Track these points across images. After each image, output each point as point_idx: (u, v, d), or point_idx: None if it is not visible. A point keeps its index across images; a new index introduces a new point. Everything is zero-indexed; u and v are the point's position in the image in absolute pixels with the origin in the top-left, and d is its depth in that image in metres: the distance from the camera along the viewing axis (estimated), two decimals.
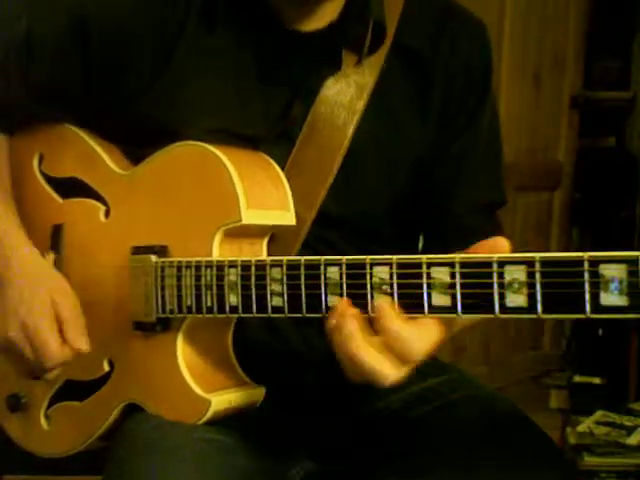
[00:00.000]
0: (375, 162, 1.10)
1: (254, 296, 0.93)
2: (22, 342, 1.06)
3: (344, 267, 0.87)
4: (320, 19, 1.07)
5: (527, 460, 0.97)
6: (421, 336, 0.84)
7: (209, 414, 1.00)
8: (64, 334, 1.06)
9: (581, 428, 2.71)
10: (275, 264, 0.92)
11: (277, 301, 0.91)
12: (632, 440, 2.60)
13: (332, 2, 1.05)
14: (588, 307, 0.74)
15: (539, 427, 1.04)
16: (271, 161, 1.05)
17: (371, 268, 0.85)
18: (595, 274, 0.73)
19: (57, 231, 1.15)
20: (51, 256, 1.14)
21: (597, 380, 3.11)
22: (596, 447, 2.54)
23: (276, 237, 1.05)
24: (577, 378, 3.18)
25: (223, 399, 1.02)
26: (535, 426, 1.04)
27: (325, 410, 1.12)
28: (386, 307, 0.83)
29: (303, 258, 0.90)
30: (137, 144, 1.10)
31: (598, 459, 2.49)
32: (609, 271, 0.72)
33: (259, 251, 1.03)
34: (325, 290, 0.88)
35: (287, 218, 1.03)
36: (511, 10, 3.11)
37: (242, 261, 0.94)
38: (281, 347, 1.10)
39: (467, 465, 0.96)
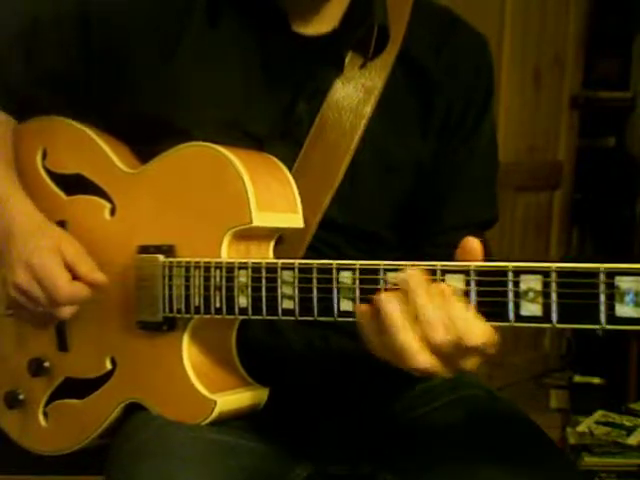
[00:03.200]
0: (378, 167, 1.10)
1: (264, 298, 0.93)
2: (29, 283, 1.05)
3: (357, 272, 0.87)
4: (323, 23, 1.07)
5: (527, 460, 0.98)
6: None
7: (214, 415, 1.01)
8: (76, 272, 1.05)
9: (581, 428, 2.71)
10: (287, 267, 0.92)
11: (288, 304, 0.91)
12: (632, 440, 2.60)
13: (333, 6, 1.06)
14: (603, 318, 0.74)
15: (539, 427, 1.04)
16: (279, 163, 1.05)
17: (384, 274, 0.85)
18: (611, 285, 0.73)
19: (61, 228, 1.15)
20: None
21: (597, 380, 3.12)
22: (596, 447, 2.54)
23: (282, 239, 1.05)
24: (577, 378, 3.18)
25: (228, 400, 1.02)
26: (535, 426, 1.04)
27: (327, 411, 1.12)
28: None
29: (315, 262, 0.90)
30: (140, 139, 1.10)
31: (598, 459, 2.49)
32: (625, 283, 0.73)
33: (266, 253, 1.03)
34: (337, 294, 0.88)
35: (295, 221, 1.04)
36: (511, 10, 3.11)
37: (253, 263, 0.94)
38: (283, 348, 1.10)
39: (467, 465, 0.96)
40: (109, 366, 1.10)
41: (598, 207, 3.56)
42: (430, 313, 0.80)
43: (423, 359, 0.81)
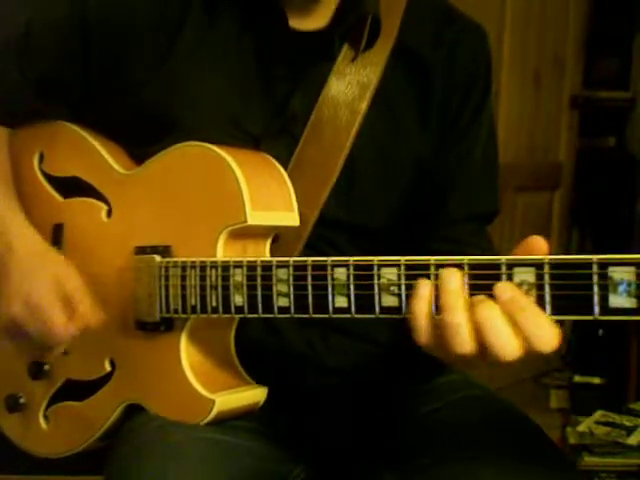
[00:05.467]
0: (376, 163, 1.10)
1: (260, 296, 0.93)
2: (25, 320, 1.05)
3: (351, 268, 0.86)
4: (318, 18, 1.08)
5: (527, 460, 0.97)
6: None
7: (213, 414, 1.00)
8: (75, 309, 1.05)
9: (581, 428, 2.71)
10: (281, 265, 0.92)
11: (283, 302, 0.91)
12: (632, 440, 2.60)
13: (328, 1, 1.07)
14: (597, 309, 0.74)
15: (539, 427, 1.04)
16: (274, 162, 1.05)
17: (379, 269, 0.85)
18: (604, 276, 0.73)
19: (57, 230, 1.15)
20: None
21: (597, 380, 3.11)
22: (596, 447, 2.54)
23: (279, 237, 1.05)
24: (577, 378, 3.18)
25: (227, 399, 1.02)
26: (535, 426, 1.04)
27: (326, 410, 1.12)
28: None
29: (310, 259, 0.90)
30: (138, 138, 1.10)
31: (598, 459, 2.49)
32: (618, 273, 0.73)
33: (262, 251, 1.03)
34: (332, 291, 0.88)
35: (291, 219, 1.04)
36: (511, 10, 3.11)
37: (248, 261, 0.94)
38: (282, 347, 1.09)
39: (468, 465, 0.96)
40: (108, 367, 1.10)
41: (598, 207, 3.56)
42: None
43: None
